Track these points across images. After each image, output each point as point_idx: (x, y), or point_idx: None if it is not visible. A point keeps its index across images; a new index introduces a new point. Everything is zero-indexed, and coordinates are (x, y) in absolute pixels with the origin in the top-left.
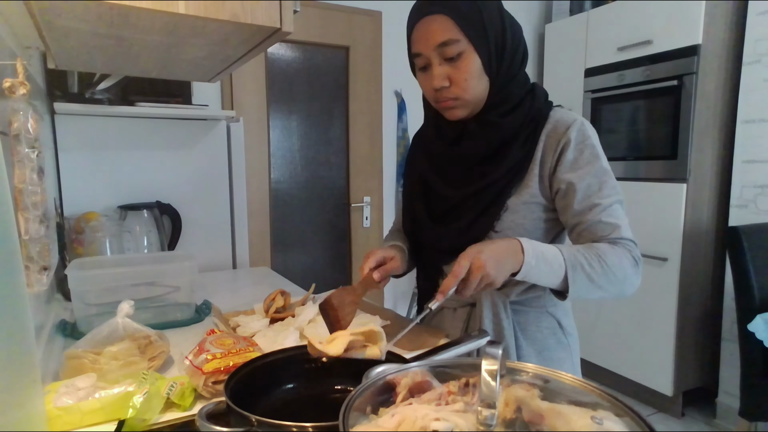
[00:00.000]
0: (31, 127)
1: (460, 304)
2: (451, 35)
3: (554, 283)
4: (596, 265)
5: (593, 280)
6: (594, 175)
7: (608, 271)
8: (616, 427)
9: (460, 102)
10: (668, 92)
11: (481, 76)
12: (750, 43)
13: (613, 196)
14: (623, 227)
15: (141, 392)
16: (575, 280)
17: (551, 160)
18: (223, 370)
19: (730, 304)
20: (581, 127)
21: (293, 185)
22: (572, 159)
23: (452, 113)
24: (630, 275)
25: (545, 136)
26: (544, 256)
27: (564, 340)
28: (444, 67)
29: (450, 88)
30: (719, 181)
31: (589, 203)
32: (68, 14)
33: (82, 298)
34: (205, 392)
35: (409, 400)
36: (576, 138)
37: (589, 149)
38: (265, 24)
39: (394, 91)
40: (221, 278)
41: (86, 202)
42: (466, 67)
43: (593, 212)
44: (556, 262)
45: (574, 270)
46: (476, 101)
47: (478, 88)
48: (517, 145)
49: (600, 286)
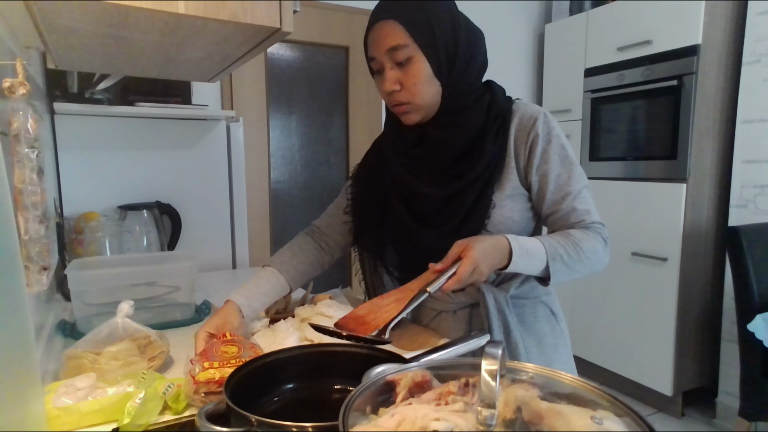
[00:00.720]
0: (30, 127)
1: (459, 306)
2: (399, 40)
3: (535, 273)
4: (573, 254)
5: (571, 267)
6: (562, 165)
7: (584, 257)
8: (616, 427)
9: (411, 106)
10: (668, 92)
11: (431, 81)
12: (750, 43)
13: (581, 182)
14: (593, 212)
15: (136, 397)
16: (556, 270)
17: (524, 153)
18: (217, 381)
19: (730, 304)
20: (545, 118)
21: (293, 185)
22: (542, 151)
23: (407, 118)
24: (601, 256)
25: (514, 129)
26: (528, 252)
27: (557, 327)
28: (395, 71)
29: (401, 92)
30: (719, 181)
31: (561, 193)
32: (68, 14)
33: (81, 298)
34: (196, 402)
35: (409, 400)
36: (543, 130)
37: (555, 139)
38: (264, 24)
39: None
40: (221, 278)
41: (86, 202)
42: (416, 71)
43: (566, 201)
44: (539, 257)
45: (554, 261)
46: (428, 106)
47: (428, 93)
48: (489, 141)
49: (576, 270)
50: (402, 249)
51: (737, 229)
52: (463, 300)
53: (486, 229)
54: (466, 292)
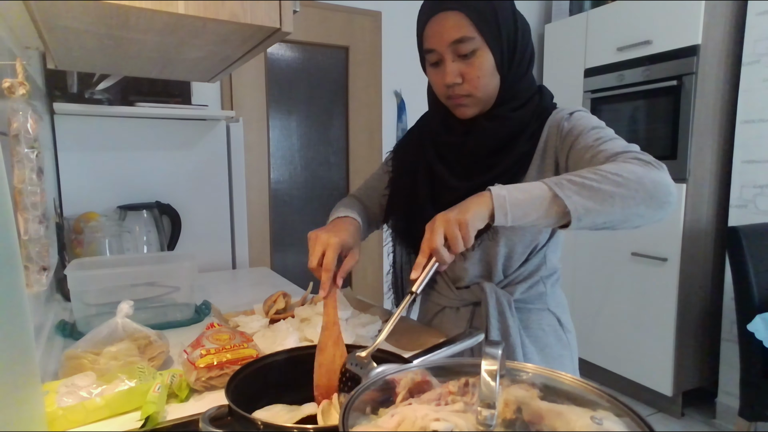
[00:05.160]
0: (30, 127)
1: (463, 303)
2: (465, 32)
3: (545, 213)
4: (587, 174)
5: (592, 188)
6: (595, 126)
7: (606, 174)
8: (616, 427)
9: (471, 100)
10: (668, 92)
11: (493, 74)
12: (749, 43)
13: (614, 134)
14: (626, 146)
15: (154, 387)
16: (568, 195)
17: (555, 141)
18: (216, 365)
19: (730, 305)
20: (576, 113)
21: (293, 185)
22: (573, 125)
23: (463, 111)
24: (642, 174)
25: (548, 127)
26: (516, 187)
27: (564, 338)
28: (457, 63)
29: (462, 85)
30: (719, 181)
31: (595, 136)
32: (68, 14)
33: (81, 298)
34: (198, 386)
35: (409, 400)
36: (572, 110)
37: (584, 112)
38: (264, 24)
39: (393, 92)
40: (221, 278)
41: (85, 202)
42: (480, 64)
43: (599, 141)
44: (534, 188)
45: (561, 186)
46: (487, 99)
47: (489, 86)
48: (523, 138)
49: (608, 192)
50: (419, 235)
51: (737, 229)
52: (466, 297)
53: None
54: (470, 290)
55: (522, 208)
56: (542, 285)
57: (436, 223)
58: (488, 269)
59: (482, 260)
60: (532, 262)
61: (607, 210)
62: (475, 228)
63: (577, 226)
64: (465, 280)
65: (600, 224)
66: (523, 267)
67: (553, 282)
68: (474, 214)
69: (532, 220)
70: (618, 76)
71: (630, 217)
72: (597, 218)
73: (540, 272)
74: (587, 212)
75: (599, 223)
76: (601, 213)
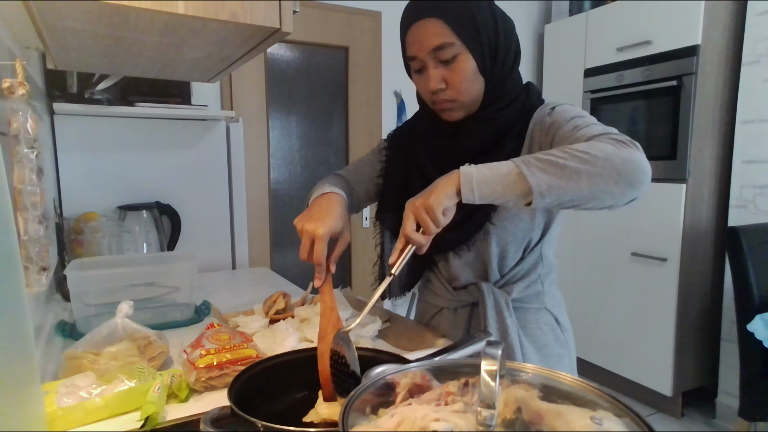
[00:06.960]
0: (30, 127)
1: (461, 304)
2: (445, 39)
3: (511, 190)
4: (556, 152)
5: (557, 165)
6: (574, 115)
7: (574, 151)
8: (616, 427)
9: (456, 104)
10: (667, 92)
11: (476, 77)
12: (749, 43)
13: (595, 122)
14: (601, 128)
15: (154, 388)
16: (532, 172)
17: (540, 137)
18: (216, 365)
19: (730, 304)
20: (558, 101)
21: (293, 185)
22: (554, 119)
23: (449, 115)
24: (611, 151)
25: (532, 124)
26: (486, 165)
27: (561, 337)
28: (439, 69)
29: (446, 91)
30: (718, 182)
31: (573, 124)
32: (68, 14)
33: (81, 298)
34: (197, 386)
35: (409, 401)
36: (554, 105)
37: (566, 105)
38: (264, 24)
39: (393, 92)
40: (221, 278)
41: (85, 202)
42: (462, 69)
43: (576, 129)
44: (502, 166)
45: (527, 164)
46: (472, 102)
47: (473, 90)
48: (510, 137)
49: (574, 169)
50: None
51: (737, 229)
52: (464, 298)
53: (491, 222)
54: (468, 291)
55: (488, 185)
56: (540, 284)
57: (406, 211)
58: (484, 269)
59: (477, 260)
60: (528, 260)
61: (572, 187)
62: (442, 207)
63: (541, 203)
64: (461, 280)
65: (567, 202)
66: (519, 265)
67: (551, 281)
68: (438, 195)
69: (499, 196)
70: (618, 77)
71: (598, 194)
72: (563, 195)
73: (537, 270)
74: (550, 189)
75: (566, 201)
76: (566, 190)
